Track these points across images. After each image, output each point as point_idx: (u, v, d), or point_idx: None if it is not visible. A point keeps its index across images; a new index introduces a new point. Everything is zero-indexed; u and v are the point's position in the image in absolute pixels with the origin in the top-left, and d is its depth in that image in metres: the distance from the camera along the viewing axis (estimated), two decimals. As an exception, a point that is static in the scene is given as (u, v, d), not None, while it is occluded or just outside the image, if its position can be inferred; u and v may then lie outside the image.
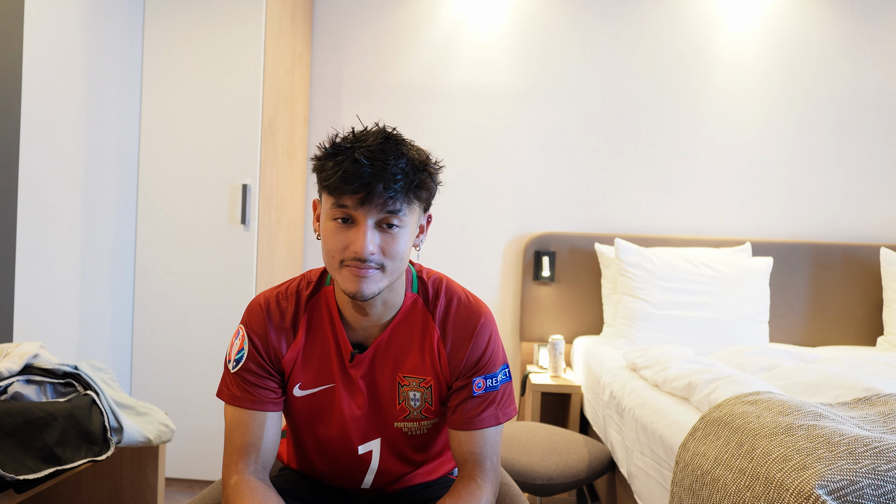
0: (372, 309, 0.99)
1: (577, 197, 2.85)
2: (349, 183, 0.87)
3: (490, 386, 1.01)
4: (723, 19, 2.81)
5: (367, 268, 0.89)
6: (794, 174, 2.81)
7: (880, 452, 1.03)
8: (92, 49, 2.10)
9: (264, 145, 2.37)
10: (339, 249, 0.90)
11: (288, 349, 1.01)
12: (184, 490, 2.39)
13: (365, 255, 0.88)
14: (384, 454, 1.05)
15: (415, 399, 1.02)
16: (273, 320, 1.02)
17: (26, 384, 1.36)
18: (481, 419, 1.00)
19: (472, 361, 1.01)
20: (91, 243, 2.15)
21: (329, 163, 0.90)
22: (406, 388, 1.02)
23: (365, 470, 1.06)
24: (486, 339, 1.02)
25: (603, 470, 1.90)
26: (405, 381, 1.01)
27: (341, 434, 1.03)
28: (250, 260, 2.35)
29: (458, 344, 1.01)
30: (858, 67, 2.79)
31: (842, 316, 2.69)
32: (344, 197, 0.88)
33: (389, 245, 0.91)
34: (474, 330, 1.01)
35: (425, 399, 1.02)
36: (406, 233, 0.93)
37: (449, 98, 2.86)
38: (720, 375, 1.59)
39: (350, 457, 1.05)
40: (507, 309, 2.87)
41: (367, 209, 0.88)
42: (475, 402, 1.00)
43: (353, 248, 0.89)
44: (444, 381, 1.02)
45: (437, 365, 1.01)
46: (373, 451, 1.04)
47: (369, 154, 0.87)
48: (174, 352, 2.37)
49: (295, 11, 2.63)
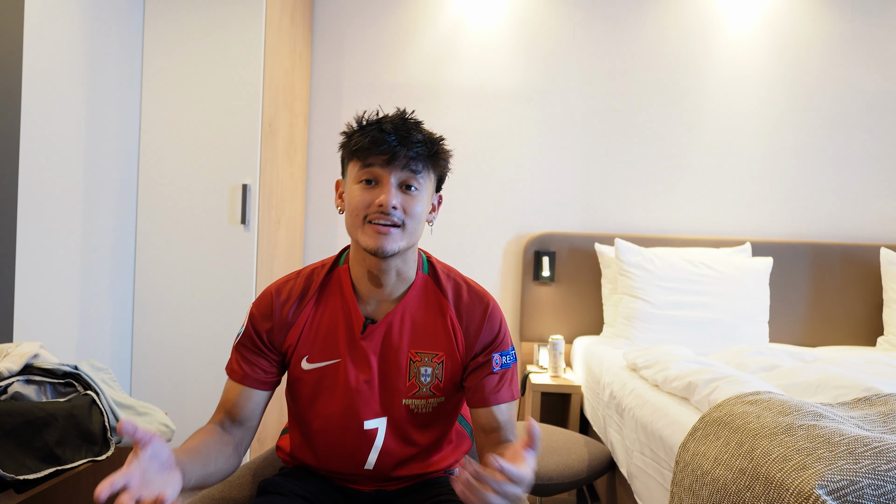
0: (386, 278, 1.05)
1: (577, 197, 2.85)
2: (377, 145, 0.98)
3: (505, 363, 1.08)
4: (723, 19, 2.81)
5: (389, 224, 0.98)
6: (794, 174, 2.81)
7: (880, 452, 1.03)
8: (92, 49, 2.10)
9: (264, 145, 2.37)
10: (363, 206, 0.99)
11: (295, 322, 1.07)
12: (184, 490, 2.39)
13: (388, 208, 0.97)
14: (389, 433, 1.07)
15: (425, 375, 1.06)
16: (280, 298, 1.08)
17: (26, 384, 1.36)
18: (501, 394, 1.06)
19: (490, 339, 1.07)
20: (91, 243, 2.15)
21: (358, 134, 1.02)
22: (418, 364, 1.06)
23: (369, 448, 1.07)
24: (498, 319, 1.09)
25: (603, 470, 1.89)
26: (417, 357, 1.06)
27: (347, 409, 1.06)
28: (250, 260, 2.35)
29: (473, 324, 1.08)
30: (858, 67, 2.79)
31: (842, 316, 2.69)
32: (371, 158, 0.99)
33: (409, 204, 1.00)
34: (486, 310, 1.09)
35: (436, 375, 1.07)
36: (424, 196, 1.02)
37: (449, 98, 2.87)
38: (720, 375, 1.59)
39: (355, 434, 1.06)
40: (507, 309, 2.87)
41: (391, 168, 0.99)
42: (495, 378, 1.07)
43: (377, 201, 0.98)
44: (458, 359, 1.07)
45: (454, 342, 1.07)
46: (378, 428, 1.06)
47: (393, 126, 1.00)
48: (174, 352, 2.37)
49: (295, 11, 2.63)
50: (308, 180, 2.92)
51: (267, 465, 1.34)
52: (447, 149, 1.05)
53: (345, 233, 2.89)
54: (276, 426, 2.61)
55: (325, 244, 2.91)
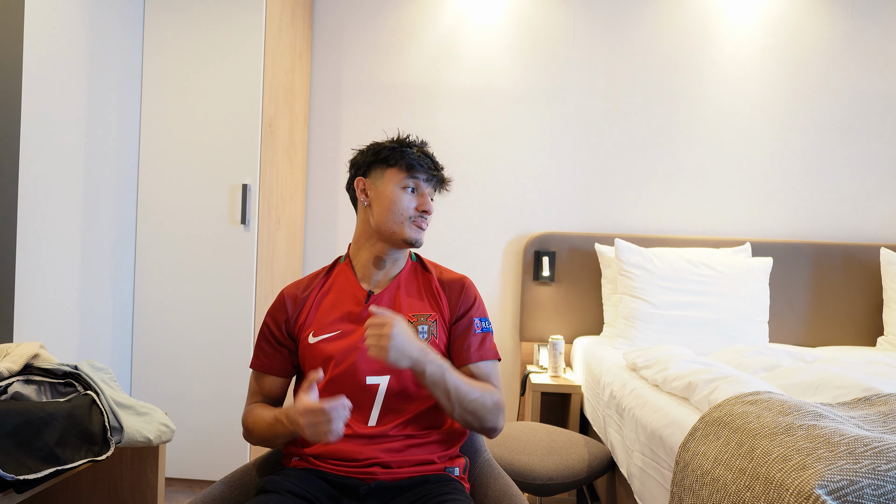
0: (389, 261, 1.29)
1: (577, 197, 2.85)
2: (424, 164, 1.27)
3: (485, 328, 1.29)
4: (723, 19, 2.81)
5: (425, 222, 1.27)
6: (794, 174, 2.81)
7: (880, 452, 1.03)
8: (92, 49, 2.10)
9: (264, 145, 2.37)
10: (410, 208, 1.25)
11: (307, 299, 1.28)
12: (184, 490, 2.39)
13: (431, 210, 1.27)
14: (390, 389, 1.20)
15: (423, 332, 1.24)
16: (292, 290, 1.31)
17: (26, 384, 1.37)
18: (485, 350, 1.26)
19: (469, 303, 1.29)
20: (91, 243, 2.15)
21: (405, 150, 1.27)
22: (415, 324, 1.25)
23: (371, 403, 1.19)
24: (473, 290, 1.32)
25: (603, 470, 1.90)
26: (414, 319, 1.25)
27: (350, 367, 1.20)
28: (250, 260, 2.35)
29: (454, 293, 1.30)
30: (858, 67, 2.79)
31: (842, 316, 2.69)
32: (419, 172, 1.26)
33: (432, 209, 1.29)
34: (463, 284, 1.31)
35: (431, 332, 1.25)
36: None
37: (449, 98, 2.87)
38: (720, 375, 1.59)
39: (358, 390, 1.19)
40: (507, 309, 2.88)
41: (429, 183, 1.29)
42: (478, 338, 1.26)
43: (423, 206, 1.26)
44: (446, 319, 1.27)
45: (440, 305, 1.28)
46: (380, 384, 1.20)
47: (425, 152, 1.29)
48: (174, 352, 2.37)
49: (295, 11, 2.63)
50: (308, 180, 2.91)
51: (269, 465, 1.34)
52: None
53: (344, 233, 2.89)
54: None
55: (325, 244, 2.91)
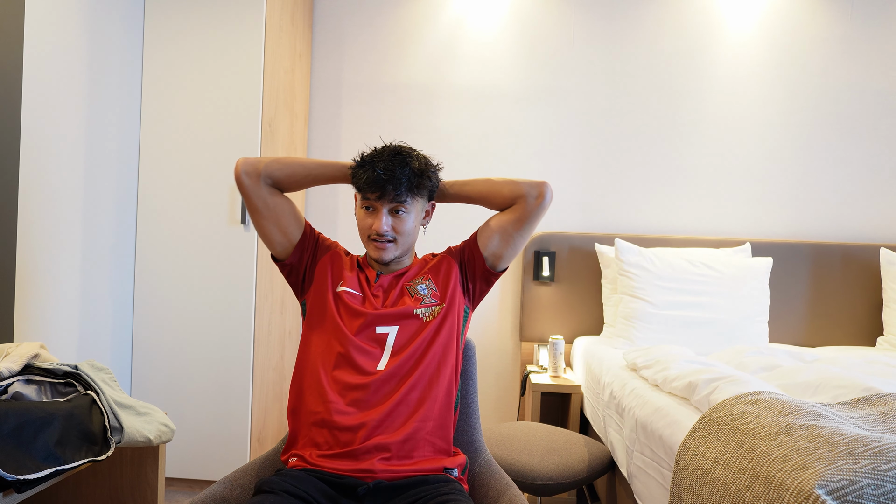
0: (390, 266, 1.40)
1: (577, 197, 2.85)
2: (371, 185, 1.30)
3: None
4: (723, 19, 2.81)
5: (384, 241, 1.33)
6: (795, 174, 2.81)
7: (880, 452, 1.03)
8: (92, 49, 2.10)
9: (264, 145, 2.37)
10: (366, 228, 1.34)
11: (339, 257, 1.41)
12: (184, 490, 2.39)
13: (381, 231, 1.32)
14: (399, 337, 1.30)
15: (423, 289, 1.36)
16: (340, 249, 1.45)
17: (26, 384, 1.37)
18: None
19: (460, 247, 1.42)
20: (91, 243, 2.15)
21: (359, 171, 1.32)
22: (414, 285, 1.37)
23: (382, 348, 1.29)
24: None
25: (603, 470, 1.90)
26: (411, 283, 1.37)
27: (363, 322, 1.30)
28: (250, 260, 2.35)
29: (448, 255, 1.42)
30: (858, 67, 2.79)
31: (842, 316, 2.69)
32: (367, 194, 1.32)
33: (398, 225, 1.33)
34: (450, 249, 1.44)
35: (430, 287, 1.37)
36: (412, 216, 1.35)
37: (449, 98, 2.87)
38: (720, 375, 1.59)
39: (370, 339, 1.29)
40: (507, 309, 2.88)
41: (382, 202, 1.32)
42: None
43: (374, 227, 1.32)
44: (442, 272, 1.38)
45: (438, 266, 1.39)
46: (389, 333, 1.30)
47: (383, 167, 1.29)
48: (174, 352, 2.37)
49: (295, 11, 2.63)
50: (308, 180, 2.91)
51: (267, 465, 1.34)
52: (433, 173, 1.35)
53: (344, 233, 2.90)
54: (277, 426, 2.61)
55: (325, 244, 2.91)
